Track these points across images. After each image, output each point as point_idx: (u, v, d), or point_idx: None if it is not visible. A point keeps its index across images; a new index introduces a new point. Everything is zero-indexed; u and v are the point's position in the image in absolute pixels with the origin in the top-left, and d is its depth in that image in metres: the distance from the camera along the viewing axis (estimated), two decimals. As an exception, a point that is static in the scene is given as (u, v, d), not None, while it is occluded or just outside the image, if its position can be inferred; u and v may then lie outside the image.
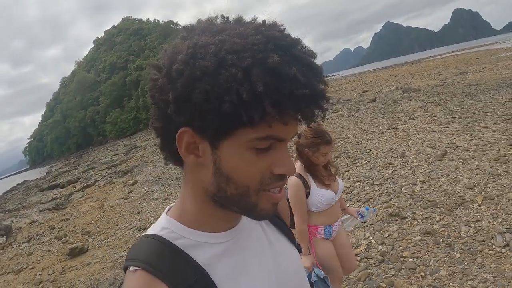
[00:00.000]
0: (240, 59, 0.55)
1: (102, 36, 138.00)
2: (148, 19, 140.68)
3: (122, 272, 2.31)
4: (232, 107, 0.55)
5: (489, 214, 4.30)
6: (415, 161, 6.82)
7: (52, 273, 6.29)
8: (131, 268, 0.64)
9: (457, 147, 7.00)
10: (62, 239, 8.44)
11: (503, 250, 3.61)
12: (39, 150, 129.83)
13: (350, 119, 13.52)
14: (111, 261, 6.00)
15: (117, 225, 8.27)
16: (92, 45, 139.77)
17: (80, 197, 14.81)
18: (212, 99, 0.55)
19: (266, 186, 0.65)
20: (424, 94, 15.03)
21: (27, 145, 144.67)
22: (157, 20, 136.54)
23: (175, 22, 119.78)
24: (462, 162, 6.12)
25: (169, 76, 0.60)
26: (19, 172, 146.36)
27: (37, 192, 22.46)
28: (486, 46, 56.75)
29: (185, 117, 0.60)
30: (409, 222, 4.53)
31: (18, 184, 37.28)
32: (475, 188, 5.02)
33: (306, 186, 2.59)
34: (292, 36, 0.62)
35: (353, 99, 20.31)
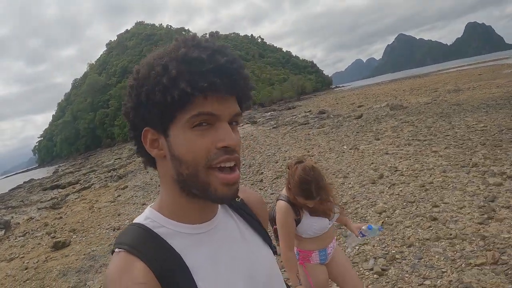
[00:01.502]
0: (160, 60, 0.71)
1: (115, 39, 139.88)
2: (161, 24, 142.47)
3: (89, 262, 4.09)
4: (161, 94, 0.69)
5: (377, 239, 4.66)
6: (352, 183, 7.47)
7: (37, 262, 7.50)
8: (116, 249, 0.75)
9: (396, 171, 7.54)
10: (51, 235, 9.66)
11: (366, 273, 4.03)
12: (49, 149, 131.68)
13: (327, 136, 14.35)
14: (84, 254, 7.20)
15: (98, 225, 9.49)
16: (105, 48, 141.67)
17: (76, 198, 16.07)
18: (150, 95, 0.71)
19: (213, 161, 0.72)
20: (407, 112, 15.73)
21: (37, 143, 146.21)
22: (170, 26, 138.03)
23: (186, 29, 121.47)
24: (389, 187, 6.62)
25: (128, 93, 0.76)
26: (27, 170, 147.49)
27: (39, 191, 23.81)
28: (496, 61, 57.01)
29: (142, 119, 0.75)
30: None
31: (24, 182, 38.55)
32: (383, 213, 5.50)
33: (297, 213, 2.44)
34: (205, 38, 0.76)
35: (344, 114, 21.18)
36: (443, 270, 3.76)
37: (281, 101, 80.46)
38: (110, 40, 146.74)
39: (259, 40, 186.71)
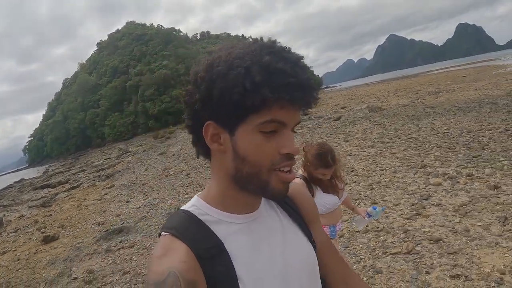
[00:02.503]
0: (242, 62, 0.73)
1: (106, 39, 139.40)
2: (152, 24, 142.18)
3: (75, 252, 5.21)
4: (239, 96, 0.72)
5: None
6: None
7: (28, 254, 8.26)
8: (163, 233, 0.82)
9: (352, 171, 8.13)
10: (41, 230, 10.41)
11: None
12: (39, 149, 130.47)
13: (302, 138, 14.90)
14: (71, 246, 7.99)
15: (85, 221, 10.27)
16: (96, 48, 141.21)
17: (65, 197, 16.74)
18: (225, 93, 0.73)
19: (275, 165, 0.78)
20: (384, 114, 16.31)
21: (27, 143, 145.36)
22: (161, 25, 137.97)
23: (177, 29, 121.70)
24: None
25: (195, 83, 0.79)
26: (17, 170, 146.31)
27: (30, 191, 24.39)
28: (483, 63, 57.46)
29: (208, 112, 0.78)
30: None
31: (15, 182, 38.85)
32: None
33: (310, 190, 2.74)
34: (281, 44, 0.79)
35: (325, 116, 21.79)
36: (362, 257, 4.48)
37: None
38: (101, 40, 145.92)
39: (250, 40, 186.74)
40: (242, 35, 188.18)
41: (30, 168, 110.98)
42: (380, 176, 7.45)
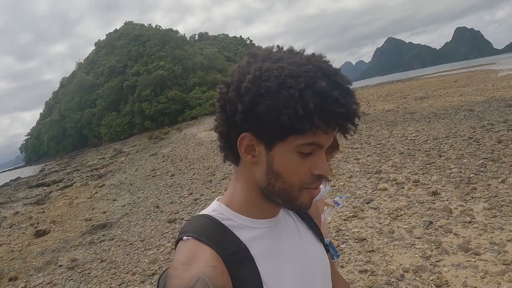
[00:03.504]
0: (296, 83, 0.70)
1: (104, 39, 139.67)
2: (150, 24, 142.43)
3: (63, 244, 6.35)
4: (289, 119, 0.70)
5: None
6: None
7: (21, 246, 9.14)
8: (184, 237, 0.80)
9: None
10: (34, 225, 11.28)
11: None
12: (36, 148, 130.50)
13: None
14: (59, 239, 8.89)
15: (74, 217, 11.17)
16: (94, 47, 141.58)
17: (58, 195, 17.67)
18: (273, 112, 0.71)
19: (306, 185, 0.79)
20: (365, 120, 16.37)
21: (24, 142, 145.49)
22: (159, 26, 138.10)
23: (175, 29, 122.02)
24: None
25: (238, 91, 0.75)
26: (14, 168, 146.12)
27: (25, 189, 25.25)
28: (479, 67, 56.35)
29: (249, 125, 0.76)
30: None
31: (11, 180, 39.57)
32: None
33: None
34: (335, 68, 0.77)
35: None
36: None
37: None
38: (99, 39, 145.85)
39: (248, 41, 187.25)
40: (240, 36, 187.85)
41: (27, 167, 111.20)
42: (337, 180, 7.81)
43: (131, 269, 5.90)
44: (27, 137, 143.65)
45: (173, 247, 0.84)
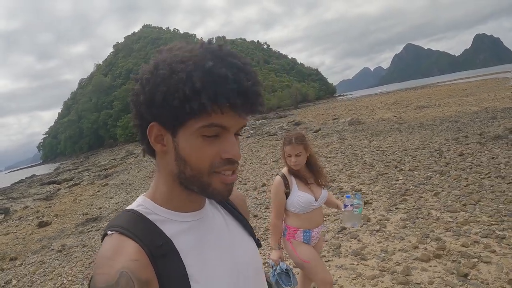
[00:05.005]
0: (186, 66, 0.70)
1: (122, 41, 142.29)
2: (168, 28, 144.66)
3: (58, 233, 7.97)
4: (179, 101, 0.70)
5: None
6: (242, 189, 9.37)
7: (25, 234, 10.46)
8: (109, 232, 0.78)
9: (263, 185, 9.40)
10: (39, 218, 12.63)
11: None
12: (53, 147, 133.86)
13: (273, 148, 16.22)
14: (57, 229, 10.17)
15: (75, 212, 12.45)
16: (112, 49, 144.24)
17: (66, 192, 19.10)
18: (168, 97, 0.71)
19: (216, 169, 0.77)
20: (357, 129, 16.88)
21: (42, 140, 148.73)
22: (176, 29, 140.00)
23: (192, 34, 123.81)
24: (260, 193, 8.58)
25: (141, 84, 0.76)
26: (31, 166, 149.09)
27: (38, 186, 26.99)
28: (495, 75, 55.50)
29: (152, 114, 0.76)
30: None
31: (26, 178, 41.52)
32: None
33: (287, 186, 2.79)
34: (229, 49, 0.76)
35: (312, 127, 22.40)
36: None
37: (279, 109, 79.53)
38: (117, 42, 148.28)
39: (265, 46, 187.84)
40: (258, 41, 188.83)
41: (43, 165, 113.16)
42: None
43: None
44: (44, 136, 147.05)
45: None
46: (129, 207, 0.86)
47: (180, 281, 0.78)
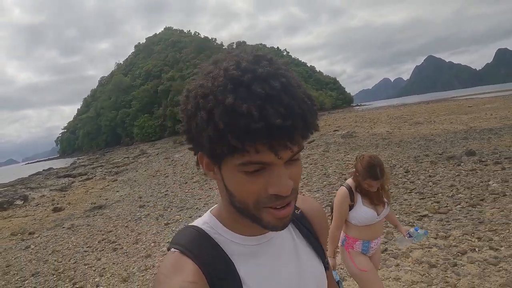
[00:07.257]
0: (205, 102, 0.63)
1: (143, 42, 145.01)
2: (189, 31, 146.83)
3: (69, 217, 10.43)
4: (208, 141, 0.64)
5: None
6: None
7: (42, 217, 12.36)
8: (172, 249, 0.79)
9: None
10: (54, 205, 14.57)
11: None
12: (70, 142, 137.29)
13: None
14: (69, 214, 12.05)
15: (85, 201, 14.35)
16: (133, 49, 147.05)
17: (79, 185, 21.11)
18: (198, 136, 0.67)
19: (264, 204, 0.69)
20: (346, 142, 17.50)
21: (60, 135, 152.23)
22: (197, 33, 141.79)
23: (212, 38, 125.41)
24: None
25: (181, 110, 0.73)
26: (49, 159, 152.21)
27: (54, 178, 29.25)
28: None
29: (195, 145, 0.73)
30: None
31: (43, 170, 43.92)
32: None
33: (352, 199, 2.79)
34: (256, 69, 0.63)
35: (312, 138, 22.55)
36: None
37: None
38: (139, 43, 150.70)
39: (285, 53, 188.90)
40: (277, 47, 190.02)
41: (60, 159, 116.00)
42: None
43: (100, 230, 8.97)
44: (63, 131, 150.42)
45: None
46: (195, 223, 0.86)
47: None
